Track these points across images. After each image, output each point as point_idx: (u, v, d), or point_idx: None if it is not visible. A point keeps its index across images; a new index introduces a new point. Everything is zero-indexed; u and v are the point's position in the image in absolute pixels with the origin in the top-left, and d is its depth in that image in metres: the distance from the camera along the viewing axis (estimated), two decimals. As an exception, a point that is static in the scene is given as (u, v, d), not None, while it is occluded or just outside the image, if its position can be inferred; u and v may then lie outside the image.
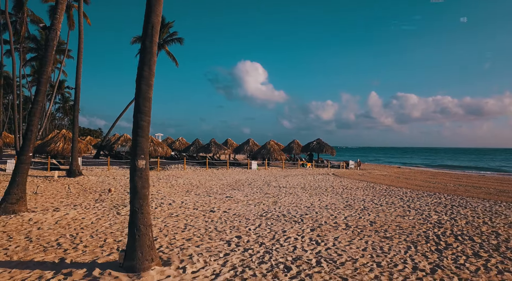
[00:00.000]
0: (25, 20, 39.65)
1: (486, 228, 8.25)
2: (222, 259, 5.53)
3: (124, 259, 4.96)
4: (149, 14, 5.42)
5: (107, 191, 13.39)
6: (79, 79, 18.97)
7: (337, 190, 15.75)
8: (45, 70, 8.95)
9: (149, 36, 5.38)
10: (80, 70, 19.01)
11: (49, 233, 6.91)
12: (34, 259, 5.30)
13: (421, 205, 11.58)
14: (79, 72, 18.96)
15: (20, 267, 4.93)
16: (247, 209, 10.25)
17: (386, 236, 7.31)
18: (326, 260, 5.61)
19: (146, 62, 5.34)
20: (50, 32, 9.09)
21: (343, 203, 11.72)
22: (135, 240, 4.93)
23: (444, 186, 18.50)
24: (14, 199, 8.44)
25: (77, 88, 18.96)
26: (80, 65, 19.08)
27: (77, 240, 6.45)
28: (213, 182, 17.78)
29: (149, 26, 5.40)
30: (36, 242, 6.25)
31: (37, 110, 8.84)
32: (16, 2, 39.56)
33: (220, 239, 6.79)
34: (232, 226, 7.95)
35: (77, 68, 18.99)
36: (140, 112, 5.23)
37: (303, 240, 6.81)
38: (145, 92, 5.27)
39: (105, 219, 8.36)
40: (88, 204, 10.34)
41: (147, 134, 5.34)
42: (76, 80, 18.98)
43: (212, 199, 12.09)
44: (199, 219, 8.66)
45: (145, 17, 5.47)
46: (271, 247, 6.31)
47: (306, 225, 8.18)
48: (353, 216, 9.41)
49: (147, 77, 5.30)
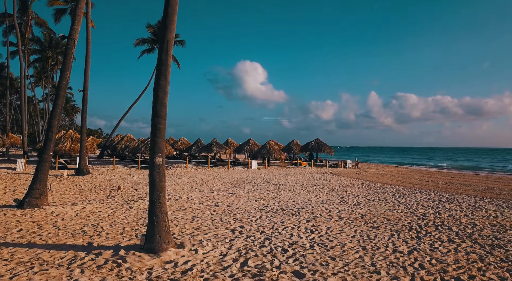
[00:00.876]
0: (29, 22, 40.52)
1: (465, 220, 9.09)
2: (228, 244, 6.37)
3: (145, 242, 5.81)
4: (164, 32, 6.27)
5: (117, 188, 14.23)
6: (87, 82, 19.81)
7: (334, 187, 16.59)
8: (64, 76, 9.79)
9: (164, 51, 6.23)
10: (88, 73, 19.86)
11: (72, 223, 7.75)
12: (66, 243, 6.14)
13: (410, 201, 12.42)
14: (87, 75, 19.80)
15: (56, 249, 5.77)
16: (248, 203, 11.09)
17: (374, 226, 8.15)
18: (318, 244, 6.45)
19: (163, 72, 6.19)
20: (68, 42, 9.93)
21: (338, 199, 12.56)
22: (154, 226, 5.77)
23: (436, 184, 19.35)
24: (37, 193, 9.28)
25: (85, 91, 19.80)
26: (87, 69, 19.93)
27: (99, 228, 7.30)
28: (215, 180, 18.62)
29: (165, 42, 6.25)
30: (63, 230, 7.10)
31: (57, 113, 9.68)
32: (21, 5, 40.42)
33: (225, 228, 7.64)
34: (236, 217, 8.80)
35: (85, 71, 19.84)
36: (158, 117, 6.07)
37: (299, 229, 7.66)
38: (162, 99, 6.12)
39: (120, 212, 9.20)
40: (101, 200, 11.17)
41: (163, 135, 6.18)
42: (84, 83, 19.82)
43: (216, 195, 12.93)
44: (205, 212, 9.50)
45: (161, 34, 6.33)
46: (270, 234, 7.16)
47: (303, 217, 9.02)
48: (346, 210, 10.25)
49: (164, 86, 6.15)
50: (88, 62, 20.03)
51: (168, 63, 6.25)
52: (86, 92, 19.85)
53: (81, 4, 10.04)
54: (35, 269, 4.79)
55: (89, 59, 19.93)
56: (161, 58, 6.21)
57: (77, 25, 9.95)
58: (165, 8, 6.33)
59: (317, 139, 34.85)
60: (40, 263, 5.04)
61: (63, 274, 4.66)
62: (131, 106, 35.99)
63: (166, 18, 6.32)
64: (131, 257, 5.38)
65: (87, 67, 19.92)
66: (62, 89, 9.79)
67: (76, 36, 9.98)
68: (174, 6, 6.32)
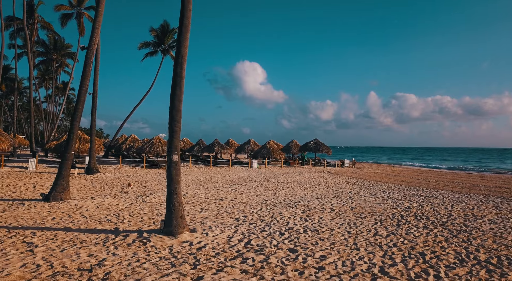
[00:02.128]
0: (35, 26, 41.64)
1: (444, 212, 10.19)
2: (233, 229, 7.46)
3: (164, 226, 6.91)
4: (179, 48, 7.37)
5: (127, 185, 15.31)
6: (96, 85, 20.90)
7: (329, 184, 17.68)
8: (84, 83, 10.88)
9: (179, 64, 7.32)
10: (97, 76, 20.96)
11: (96, 213, 8.84)
12: (96, 228, 7.24)
13: (398, 196, 13.52)
14: (97, 78, 20.89)
15: (89, 232, 6.86)
16: (250, 198, 12.18)
17: (361, 216, 9.25)
18: (310, 230, 7.55)
19: (178, 83, 7.28)
20: (88, 52, 11.02)
21: (332, 194, 13.65)
22: (172, 213, 6.86)
23: (427, 182, 20.44)
24: (61, 188, 10.37)
25: (95, 93, 20.89)
26: (97, 72, 21.02)
27: (120, 217, 8.39)
28: (218, 178, 19.71)
29: (180, 56, 7.35)
30: (90, 218, 8.19)
31: (78, 116, 10.77)
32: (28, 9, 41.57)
33: (230, 217, 8.73)
34: (239, 209, 9.89)
35: (95, 75, 20.93)
36: (174, 121, 7.16)
37: (295, 218, 8.75)
38: (178, 106, 7.21)
39: (135, 205, 10.28)
40: (116, 195, 12.25)
41: (178, 136, 7.27)
42: (94, 86, 20.91)
43: (219, 191, 14.02)
44: (211, 205, 10.59)
45: (176, 49, 7.42)
46: (270, 222, 8.25)
47: (299, 209, 10.11)
48: (338, 204, 11.35)
49: (179, 95, 7.24)
50: (97, 66, 21.12)
51: (182, 75, 7.34)
52: (95, 95, 20.94)
53: (99, 18, 11.11)
54: (78, 246, 5.88)
55: (98, 64, 21.02)
56: (176, 71, 7.31)
57: (95, 37, 11.03)
58: (180, 27, 7.43)
59: (315, 139, 35.94)
60: (80, 242, 6.14)
61: (101, 249, 5.75)
62: (135, 108, 37.01)
63: (180, 36, 7.42)
64: (154, 238, 6.47)
65: (97, 71, 21.01)
66: (82, 95, 10.88)
67: (94, 47, 11.07)
68: (187, 26, 7.42)
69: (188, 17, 7.45)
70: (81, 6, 35.33)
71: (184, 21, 7.41)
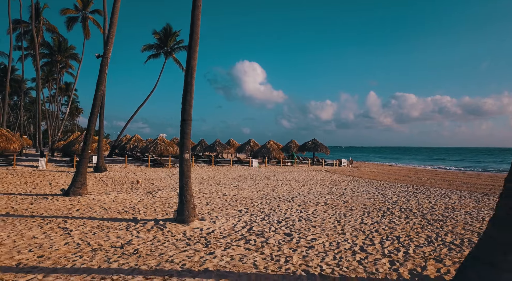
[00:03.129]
0: (41, 28, 42.70)
1: (427, 205, 11.22)
2: (237, 218, 8.50)
3: (177, 215, 7.95)
4: (189, 60, 8.41)
5: (136, 182, 16.34)
6: (104, 87, 21.90)
7: (326, 182, 18.72)
8: (99, 88, 11.92)
9: (190, 74, 8.36)
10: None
11: (114, 206, 9.88)
12: (117, 217, 8.28)
13: (389, 192, 14.55)
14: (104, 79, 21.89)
15: (111, 221, 7.90)
16: (251, 194, 13.22)
17: (351, 209, 10.28)
18: (304, 219, 8.59)
19: (188, 90, 8.32)
20: (103, 60, 12.05)
21: (327, 191, 14.69)
22: (184, 204, 7.90)
23: (419, 180, 21.49)
24: (79, 184, 11.41)
25: (103, 95, 21.90)
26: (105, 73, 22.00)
27: (136, 209, 9.42)
28: (220, 176, 20.74)
29: (190, 68, 8.38)
30: (110, 210, 9.23)
31: (94, 119, 11.81)
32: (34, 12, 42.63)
33: (234, 209, 9.76)
34: (241, 203, 10.93)
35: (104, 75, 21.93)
36: (185, 123, 8.20)
37: (291, 210, 9.78)
38: (188, 111, 8.24)
39: (147, 199, 11.32)
40: (127, 191, 13.29)
41: (189, 137, 8.31)
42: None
43: (223, 187, 15.06)
44: (216, 199, 11.63)
45: (187, 61, 8.45)
46: (269, 213, 9.29)
47: (295, 203, 11.15)
48: (332, 198, 12.38)
49: (189, 101, 8.28)
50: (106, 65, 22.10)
51: (192, 83, 8.37)
52: (103, 97, 21.94)
53: (113, 29, 12.14)
54: (105, 230, 6.92)
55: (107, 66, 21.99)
56: (187, 80, 8.35)
57: (110, 46, 12.06)
58: (189, 42, 8.47)
59: (314, 139, 36.97)
60: (107, 227, 7.18)
61: (126, 233, 6.79)
62: (139, 108, 38.06)
63: (190, 49, 8.46)
64: (169, 225, 7.51)
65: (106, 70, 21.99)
66: (97, 99, 11.92)
67: (109, 55, 12.10)
68: (196, 41, 8.45)
69: (197, 32, 8.49)
70: (86, 10, 36.38)
71: (194, 36, 8.45)
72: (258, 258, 5.44)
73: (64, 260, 5.11)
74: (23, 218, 7.93)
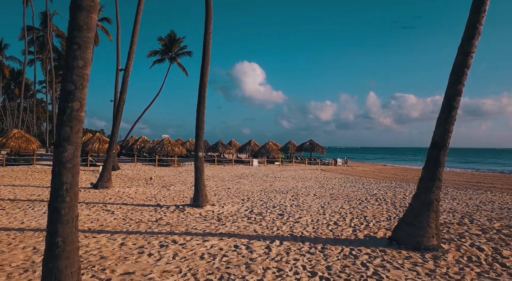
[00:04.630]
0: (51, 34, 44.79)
1: (401, 196, 13.25)
2: (240, 204, 10.53)
3: (193, 201, 9.99)
4: (202, 77, 10.45)
5: (149, 178, 18.37)
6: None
7: (319, 179, 20.76)
8: (122, 97, 13.95)
9: (202, 88, 10.40)
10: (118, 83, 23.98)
11: (138, 196, 11.92)
12: (144, 204, 10.31)
13: (372, 187, 16.58)
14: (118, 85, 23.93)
15: (141, 206, 9.93)
16: (251, 188, 15.26)
17: (335, 199, 12.31)
18: (295, 205, 10.62)
19: (201, 101, 10.36)
20: (125, 72, 14.10)
21: (318, 185, 16.73)
22: (198, 192, 9.94)
23: (404, 177, 23.51)
24: (106, 179, 13.45)
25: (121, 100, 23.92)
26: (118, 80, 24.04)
27: (157, 198, 11.46)
28: (223, 174, 22.78)
29: (202, 83, 10.43)
30: (135, 199, 11.27)
31: (118, 123, 13.83)
32: (43, 19, 44.74)
33: (237, 198, 11.80)
34: (243, 194, 12.96)
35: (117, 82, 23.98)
36: (199, 128, 10.24)
37: (285, 199, 11.81)
38: (202, 117, 10.28)
39: (163, 192, 13.34)
40: (144, 185, 15.31)
41: (202, 139, 10.34)
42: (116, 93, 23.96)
43: (226, 183, 17.10)
44: (222, 191, 13.66)
45: (200, 78, 10.49)
46: (266, 201, 11.33)
47: (289, 194, 13.18)
48: (321, 191, 14.41)
49: (202, 109, 10.31)
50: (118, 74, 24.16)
51: (205, 95, 10.41)
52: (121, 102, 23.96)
53: (133, 47, 14.17)
54: (139, 212, 8.96)
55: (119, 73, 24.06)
56: (200, 93, 10.39)
57: (130, 62, 14.10)
58: (202, 63, 10.51)
59: (311, 140, 39.01)
60: (139, 210, 9.22)
61: (155, 213, 8.82)
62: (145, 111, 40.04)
63: (203, 69, 10.50)
64: (187, 208, 9.55)
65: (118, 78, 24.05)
66: (120, 107, 13.96)
67: (130, 68, 14.14)
68: (208, 62, 10.50)
69: (208, 54, 10.53)
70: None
71: (205, 58, 10.49)
72: (257, 227, 7.49)
73: (119, 227, 7.16)
74: (71, 203, 9.97)
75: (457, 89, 5.92)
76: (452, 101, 5.97)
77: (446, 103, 6.03)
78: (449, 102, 5.99)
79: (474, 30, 5.76)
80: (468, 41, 5.81)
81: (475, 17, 5.75)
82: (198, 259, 5.26)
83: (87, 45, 3.41)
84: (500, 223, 8.30)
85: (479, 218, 8.97)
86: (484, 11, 5.71)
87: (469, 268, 5.13)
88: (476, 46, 5.82)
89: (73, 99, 3.34)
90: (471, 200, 12.55)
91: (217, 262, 5.13)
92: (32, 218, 7.88)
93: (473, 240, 6.59)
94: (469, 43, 5.82)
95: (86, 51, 3.40)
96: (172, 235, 6.68)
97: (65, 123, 3.33)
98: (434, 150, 6.20)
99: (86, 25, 3.38)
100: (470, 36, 5.79)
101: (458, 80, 5.92)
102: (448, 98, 6.02)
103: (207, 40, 10.51)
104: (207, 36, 10.51)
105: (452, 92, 5.96)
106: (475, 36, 5.78)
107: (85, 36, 3.39)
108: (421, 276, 4.75)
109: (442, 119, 6.05)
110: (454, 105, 5.96)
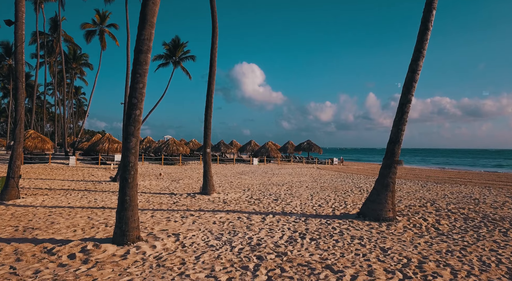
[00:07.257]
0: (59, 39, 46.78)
1: (382, 188, 15.06)
2: (241, 193, 12.39)
3: (202, 190, 11.86)
4: (209, 85, 12.32)
5: (158, 174, 20.23)
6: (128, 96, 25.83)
7: (313, 175, 22.60)
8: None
9: (209, 95, 12.27)
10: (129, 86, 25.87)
11: (153, 187, 13.77)
12: (160, 193, 12.17)
13: (360, 181, 18.42)
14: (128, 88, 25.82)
15: (157, 195, 11.79)
16: (251, 181, 17.12)
17: (324, 189, 14.15)
18: (288, 194, 12.47)
19: (209, 106, 12.22)
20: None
21: (311, 180, 18.58)
22: (206, 182, 11.81)
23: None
24: (124, 173, 15.30)
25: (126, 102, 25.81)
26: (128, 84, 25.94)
27: (170, 189, 13.31)
28: (226, 171, 24.63)
29: (210, 91, 12.30)
30: (151, 189, 13.12)
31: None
32: (52, 24, 46.72)
33: (239, 189, 13.65)
34: (244, 186, 14.82)
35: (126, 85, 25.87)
36: (207, 129, 12.11)
37: (280, 190, 13.66)
38: (209, 120, 12.14)
39: (174, 185, 15.20)
40: (155, 180, 17.17)
41: (209, 138, 12.21)
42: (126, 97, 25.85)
43: (229, 178, 18.95)
44: (225, 185, 15.52)
45: (208, 86, 12.36)
46: (264, 191, 13.19)
47: (284, 186, 15.03)
48: (313, 184, 16.26)
49: (210, 113, 12.18)
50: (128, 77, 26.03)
51: (211, 101, 12.28)
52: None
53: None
54: (158, 198, 10.82)
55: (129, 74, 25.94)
56: (208, 99, 12.26)
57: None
58: (209, 73, 12.38)
59: (308, 140, 40.88)
60: (158, 197, 11.08)
61: (171, 199, 10.68)
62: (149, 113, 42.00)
63: (210, 78, 12.37)
64: (197, 195, 11.42)
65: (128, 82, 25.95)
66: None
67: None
68: (214, 72, 12.37)
69: (215, 65, 12.39)
70: (103, 24, 40.34)
71: (212, 69, 12.36)
72: (256, 207, 9.35)
73: (145, 206, 9.02)
74: (97, 192, 11.86)
75: (407, 98, 7.78)
76: (404, 107, 7.83)
77: (399, 108, 7.89)
78: (402, 108, 7.85)
79: (419, 54, 7.62)
80: (415, 62, 7.68)
81: (420, 44, 7.62)
82: (211, 224, 7.12)
83: (145, 74, 5.29)
84: (455, 206, 10.15)
85: (440, 203, 10.81)
86: (426, 39, 7.57)
87: (411, 231, 6.97)
88: (421, 66, 7.68)
89: (136, 108, 5.22)
90: (443, 191, 14.39)
91: (226, 225, 7.00)
92: (74, 200, 9.76)
93: (424, 215, 8.44)
94: (416, 63, 7.69)
95: (144, 78, 5.27)
96: (189, 210, 8.55)
97: (130, 124, 5.21)
98: (390, 144, 8.03)
99: (145, 62, 5.26)
100: (416, 59, 7.65)
101: (408, 91, 7.78)
102: (401, 105, 7.88)
103: (214, 54, 12.38)
104: (214, 50, 12.38)
105: (403, 101, 7.82)
106: (420, 58, 7.64)
107: (144, 68, 5.26)
108: (373, 234, 6.60)
109: (396, 121, 7.90)
110: (405, 110, 7.82)
